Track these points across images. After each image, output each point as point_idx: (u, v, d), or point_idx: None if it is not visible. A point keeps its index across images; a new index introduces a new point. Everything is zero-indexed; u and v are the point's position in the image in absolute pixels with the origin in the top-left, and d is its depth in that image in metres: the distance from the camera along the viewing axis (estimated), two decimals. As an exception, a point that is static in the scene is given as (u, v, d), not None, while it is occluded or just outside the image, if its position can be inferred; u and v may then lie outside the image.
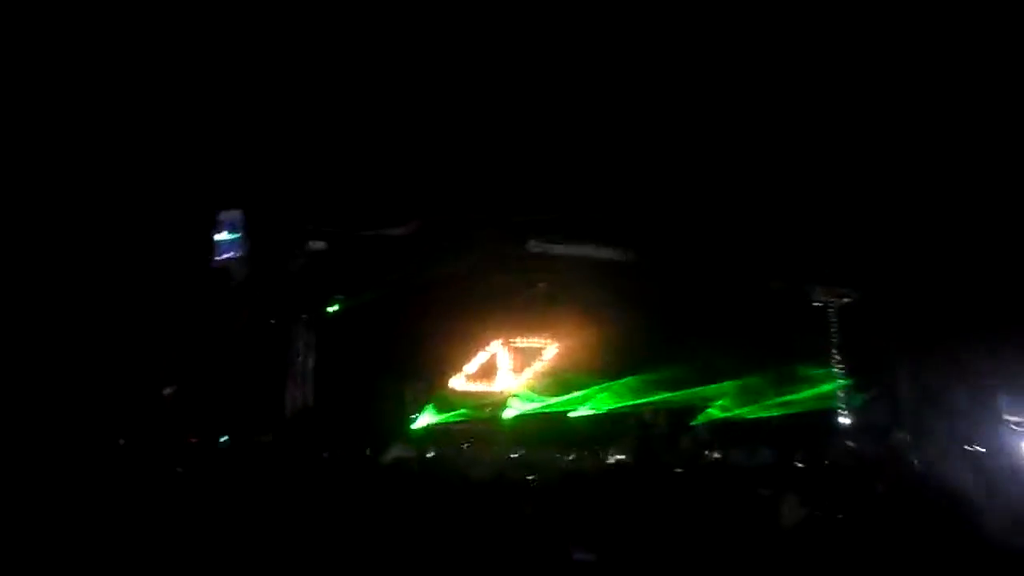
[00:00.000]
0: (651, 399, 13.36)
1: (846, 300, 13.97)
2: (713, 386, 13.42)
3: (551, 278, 13.41)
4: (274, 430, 9.39)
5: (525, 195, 11.41)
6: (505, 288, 13.33)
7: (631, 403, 13.32)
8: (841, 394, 13.87)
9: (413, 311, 12.47)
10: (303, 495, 5.19)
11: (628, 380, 13.54)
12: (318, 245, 11.71)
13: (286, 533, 4.22)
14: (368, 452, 8.29)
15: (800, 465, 8.09)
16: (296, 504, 4.87)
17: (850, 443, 12.13)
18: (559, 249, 13.04)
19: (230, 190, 9.93)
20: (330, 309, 12.09)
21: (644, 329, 13.69)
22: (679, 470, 7.55)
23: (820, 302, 14.10)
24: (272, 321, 11.14)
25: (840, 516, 4.69)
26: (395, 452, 8.00)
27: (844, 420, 13.74)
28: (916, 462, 8.05)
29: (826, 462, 8.06)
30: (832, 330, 13.95)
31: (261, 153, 9.97)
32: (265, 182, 10.32)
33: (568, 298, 13.76)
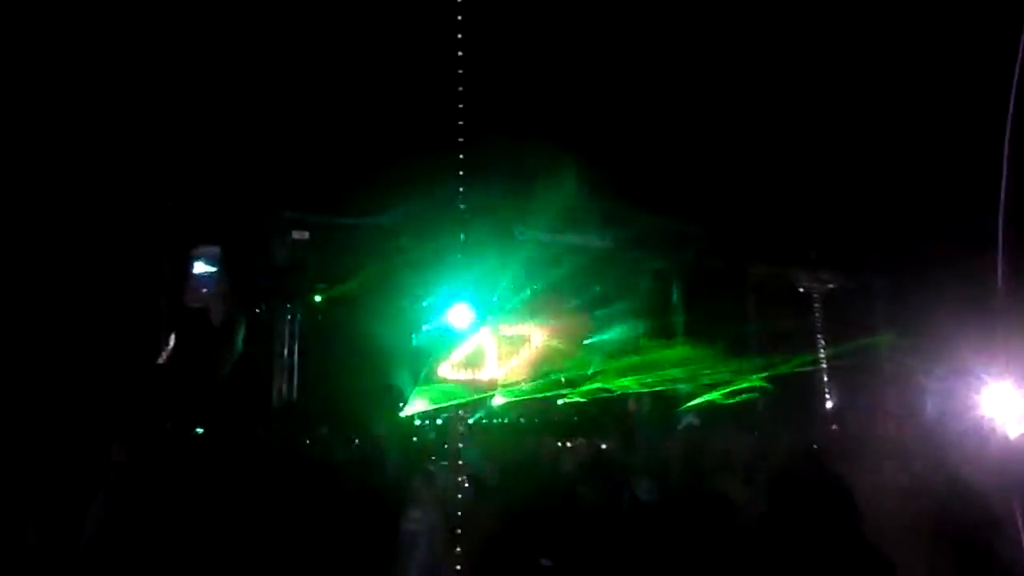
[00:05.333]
0: (637, 385, 13.40)
1: (830, 286, 14.08)
2: (698, 370, 13.47)
3: (537, 266, 13.40)
4: (262, 421, 9.32)
5: (509, 184, 11.35)
6: (491, 275, 13.30)
7: (616, 389, 13.35)
8: (826, 379, 13.98)
9: (398, 299, 12.44)
10: (290, 485, 5.13)
11: (612, 367, 13.59)
12: (301, 235, 11.62)
13: (272, 523, 4.17)
14: (353, 441, 8.22)
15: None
16: (283, 494, 4.81)
17: (835, 427, 12.22)
18: (544, 237, 13.03)
19: (208, 182, 9.83)
20: (315, 299, 12.02)
21: (629, 315, 13.78)
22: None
23: (804, 288, 14.21)
24: (257, 311, 11.07)
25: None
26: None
27: (829, 404, 13.85)
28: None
29: (814, 446, 8.06)
30: (816, 316, 14.06)
31: (241, 143, 9.85)
32: (244, 172, 10.21)
33: (553, 286, 13.79)
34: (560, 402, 13.40)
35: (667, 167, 11.36)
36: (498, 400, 13.28)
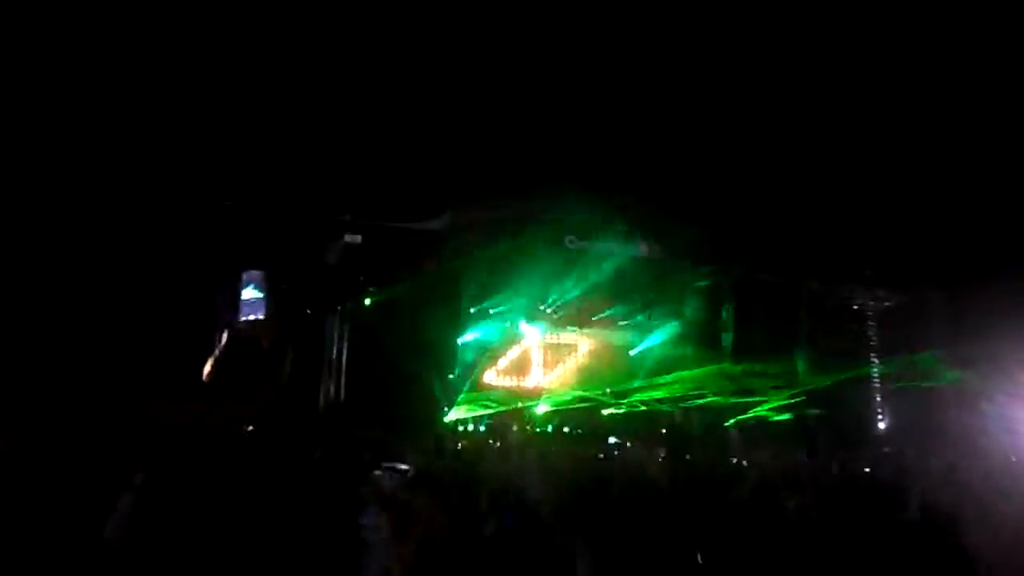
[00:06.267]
0: (682, 397, 13.26)
1: (886, 304, 13.75)
2: (746, 385, 13.27)
3: (586, 275, 13.36)
4: (308, 422, 9.44)
5: (560, 191, 11.34)
6: (541, 283, 13.31)
7: (663, 402, 13.24)
8: (878, 399, 13.67)
9: (446, 305, 12.51)
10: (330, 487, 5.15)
11: (660, 379, 13.46)
12: (354, 238, 11.76)
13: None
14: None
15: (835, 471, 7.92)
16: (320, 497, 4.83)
17: (886, 449, 11.95)
18: (594, 246, 12.98)
19: (264, 186, 10.03)
20: (365, 301, 12.14)
21: (678, 327, 13.65)
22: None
23: (859, 305, 13.92)
24: (308, 312, 11.22)
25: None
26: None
27: (881, 425, 13.53)
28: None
29: (866, 469, 7.88)
30: (870, 333, 13.75)
31: (297, 148, 10.01)
32: (300, 177, 10.39)
33: (603, 296, 13.73)
34: (603, 412, 13.33)
35: (724, 181, 11.24)
36: (541, 408, 13.26)
